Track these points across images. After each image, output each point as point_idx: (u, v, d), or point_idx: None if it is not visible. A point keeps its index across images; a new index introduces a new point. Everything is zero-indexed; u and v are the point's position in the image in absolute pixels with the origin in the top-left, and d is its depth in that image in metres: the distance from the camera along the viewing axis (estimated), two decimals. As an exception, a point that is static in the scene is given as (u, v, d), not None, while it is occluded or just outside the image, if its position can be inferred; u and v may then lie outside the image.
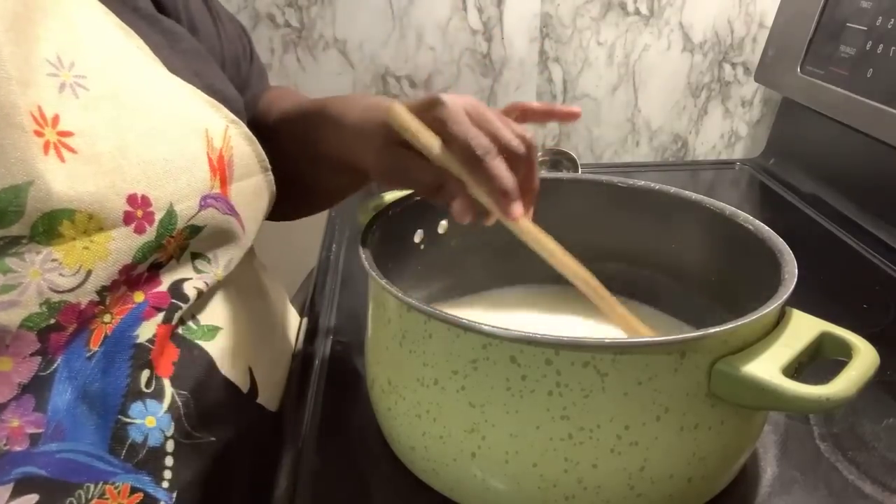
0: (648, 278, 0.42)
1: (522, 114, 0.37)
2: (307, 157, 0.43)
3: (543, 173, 0.61)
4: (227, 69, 0.43)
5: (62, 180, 0.28)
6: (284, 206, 0.44)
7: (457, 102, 0.33)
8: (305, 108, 0.43)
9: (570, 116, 0.37)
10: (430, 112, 0.33)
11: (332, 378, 0.42)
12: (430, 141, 0.33)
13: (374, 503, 0.34)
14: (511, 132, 0.33)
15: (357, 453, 0.36)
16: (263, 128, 0.43)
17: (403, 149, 0.34)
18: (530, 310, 0.43)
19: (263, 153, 0.40)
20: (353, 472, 0.35)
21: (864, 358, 0.28)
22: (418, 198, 0.39)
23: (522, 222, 0.34)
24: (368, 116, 0.36)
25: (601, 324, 0.41)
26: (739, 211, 0.37)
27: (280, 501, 0.34)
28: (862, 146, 0.61)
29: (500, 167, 0.32)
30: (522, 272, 0.44)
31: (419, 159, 0.33)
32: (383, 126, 0.34)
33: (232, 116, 0.37)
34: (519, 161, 0.33)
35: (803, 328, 0.29)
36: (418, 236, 0.40)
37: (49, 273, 0.29)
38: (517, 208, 0.32)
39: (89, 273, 0.30)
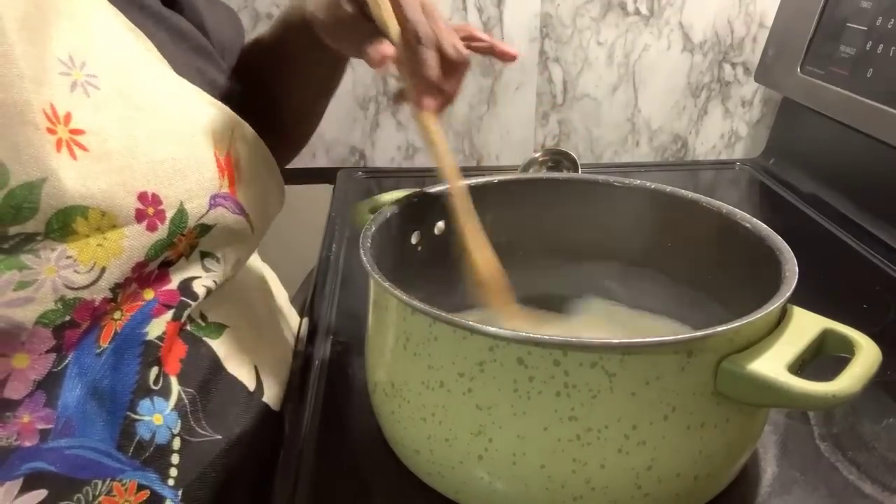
0: (647, 277, 0.42)
1: (467, 38, 0.38)
2: (277, 60, 0.45)
3: (543, 173, 0.62)
4: (227, 53, 0.43)
5: (74, 177, 0.29)
6: (274, 144, 0.44)
7: None
8: (270, 25, 0.46)
9: (507, 56, 0.40)
10: None
11: (332, 378, 0.42)
12: (380, 1, 0.34)
13: (375, 504, 0.34)
14: (450, 37, 0.35)
15: (357, 453, 0.36)
16: (243, 57, 0.46)
17: (349, 4, 0.36)
18: (529, 308, 0.43)
19: (269, 153, 0.40)
20: (353, 473, 0.35)
21: (868, 354, 0.28)
22: (415, 199, 0.39)
23: (428, 116, 0.36)
24: None
25: (599, 319, 0.42)
26: (737, 210, 0.37)
27: (280, 502, 0.34)
28: (862, 146, 0.62)
29: (432, 57, 0.34)
30: (519, 271, 0.44)
31: (360, 18, 0.35)
32: None
33: (237, 118, 0.37)
34: (447, 64, 0.35)
35: (806, 325, 0.30)
36: (415, 237, 0.41)
37: (64, 270, 0.29)
38: (429, 101, 0.35)
39: (103, 270, 0.30)
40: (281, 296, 0.51)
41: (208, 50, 0.38)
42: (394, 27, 0.35)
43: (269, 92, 0.46)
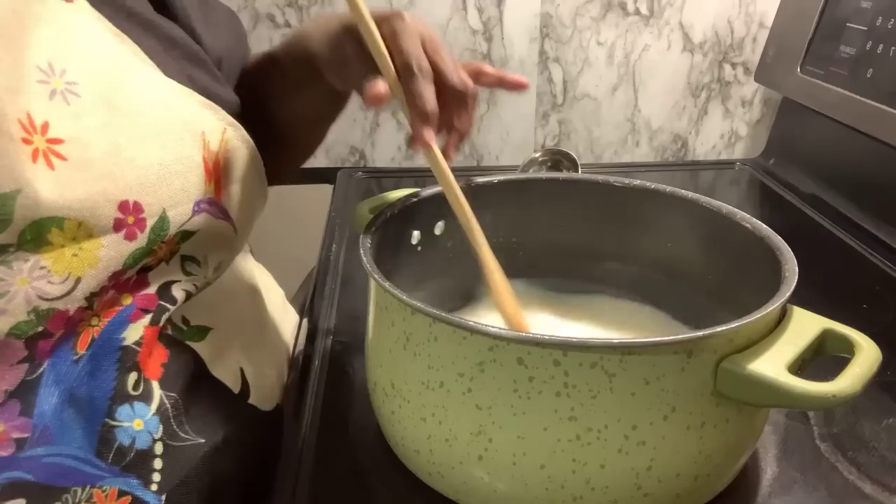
0: (646, 277, 0.42)
1: (476, 74, 0.37)
2: (280, 84, 0.44)
3: (543, 173, 0.62)
4: (224, 62, 0.43)
5: (51, 188, 0.28)
6: (275, 159, 0.44)
7: (415, 23, 0.34)
8: (277, 45, 0.45)
9: (517, 85, 0.39)
10: (387, 21, 0.34)
11: (332, 378, 0.42)
12: (373, 31, 0.33)
13: (374, 504, 0.34)
14: (454, 68, 0.34)
15: (357, 454, 0.36)
16: (242, 78, 0.45)
17: (353, 41, 0.35)
18: (530, 308, 0.43)
19: (259, 156, 0.40)
20: (353, 473, 0.35)
21: (867, 354, 0.28)
22: (415, 199, 0.39)
23: (433, 152, 0.34)
24: (330, 21, 0.38)
25: (599, 319, 0.41)
26: (737, 210, 0.37)
27: (280, 502, 0.34)
28: (862, 146, 0.62)
29: (427, 89, 0.33)
30: (519, 271, 0.44)
31: (362, 53, 0.34)
32: (341, 25, 0.36)
33: (229, 119, 0.37)
34: (454, 98, 0.34)
35: (805, 325, 0.30)
36: (415, 238, 0.40)
37: (37, 281, 0.29)
38: (428, 133, 0.33)
39: (78, 280, 0.30)
40: (276, 295, 0.51)
41: (201, 57, 0.38)
42: (388, 65, 0.33)
43: (268, 112, 0.46)
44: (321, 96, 0.44)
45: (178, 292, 0.35)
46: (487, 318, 0.37)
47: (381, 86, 0.32)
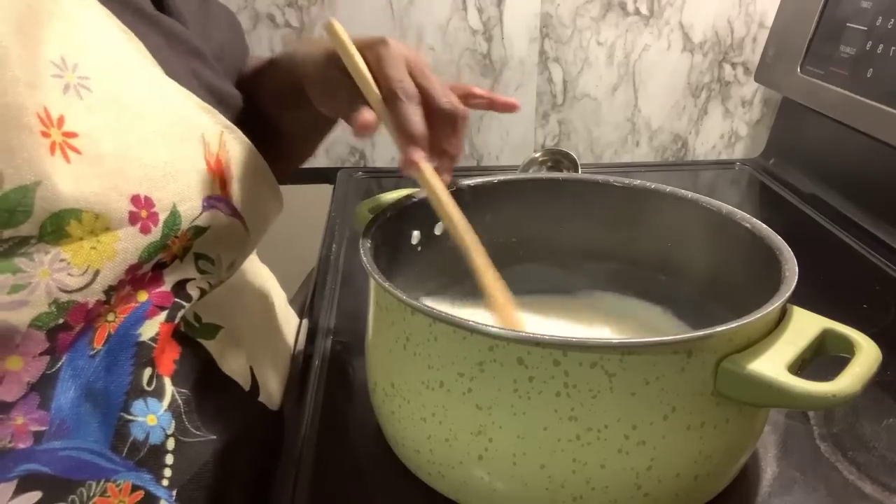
0: (646, 277, 0.42)
1: (465, 96, 0.37)
2: (271, 103, 0.45)
3: (543, 173, 0.62)
4: (224, 59, 0.43)
5: (68, 181, 0.28)
6: (270, 161, 0.44)
7: (399, 48, 0.34)
8: (270, 57, 0.46)
9: (508, 107, 0.39)
10: (371, 48, 0.34)
11: (332, 378, 0.42)
12: (355, 59, 0.34)
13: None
14: (442, 91, 0.34)
15: (357, 453, 0.36)
16: (239, 84, 0.45)
17: (338, 69, 0.35)
18: (530, 308, 0.43)
19: (261, 157, 0.40)
20: (352, 473, 0.35)
21: (867, 354, 0.28)
22: (415, 199, 0.39)
23: (423, 172, 0.34)
24: (318, 47, 0.39)
25: (599, 319, 0.41)
26: (737, 210, 0.37)
27: (280, 502, 0.34)
28: (862, 146, 0.62)
29: (413, 112, 0.33)
30: (518, 271, 0.44)
31: (348, 81, 0.35)
32: (326, 54, 0.37)
33: (226, 122, 0.37)
34: (443, 120, 0.34)
35: (805, 325, 0.30)
36: (415, 238, 0.41)
37: (58, 273, 0.29)
38: (416, 152, 0.33)
39: (97, 273, 0.30)
40: (279, 297, 0.51)
41: (202, 52, 0.38)
42: (373, 91, 0.34)
43: (260, 120, 0.46)
44: (311, 119, 0.44)
45: (192, 290, 0.35)
46: (488, 318, 0.37)
47: (367, 115, 0.33)
